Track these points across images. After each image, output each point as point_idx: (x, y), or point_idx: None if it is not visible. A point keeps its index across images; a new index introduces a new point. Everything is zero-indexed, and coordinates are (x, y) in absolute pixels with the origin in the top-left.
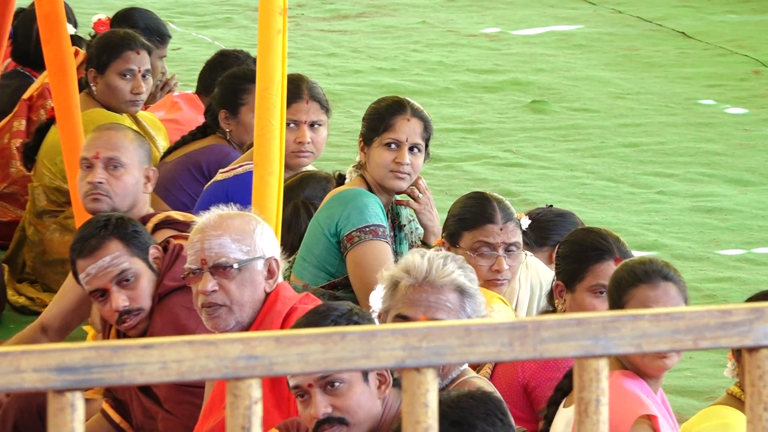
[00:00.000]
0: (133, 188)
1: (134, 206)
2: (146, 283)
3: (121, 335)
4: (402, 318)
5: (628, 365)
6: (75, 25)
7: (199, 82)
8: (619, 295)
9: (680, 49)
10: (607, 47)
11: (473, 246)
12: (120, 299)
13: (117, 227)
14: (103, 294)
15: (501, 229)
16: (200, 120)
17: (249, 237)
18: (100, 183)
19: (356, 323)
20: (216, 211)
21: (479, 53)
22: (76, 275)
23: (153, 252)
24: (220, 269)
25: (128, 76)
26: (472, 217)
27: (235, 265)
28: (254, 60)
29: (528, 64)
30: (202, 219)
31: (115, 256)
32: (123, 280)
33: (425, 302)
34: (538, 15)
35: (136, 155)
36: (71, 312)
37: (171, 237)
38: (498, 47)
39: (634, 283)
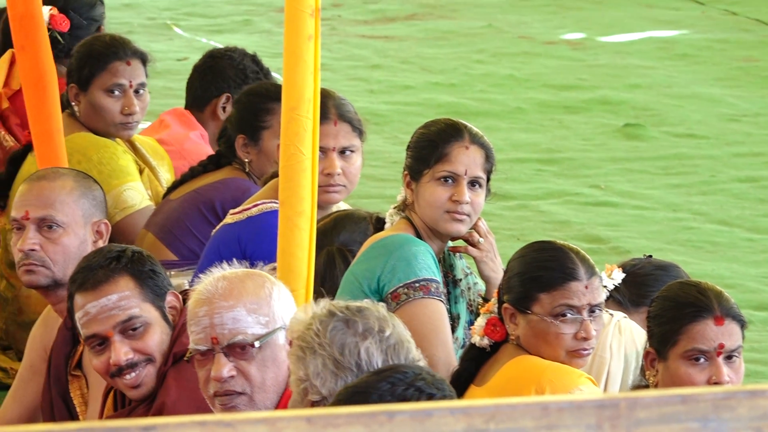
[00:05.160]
0: (77, 251)
1: None
2: (158, 335)
3: (119, 403)
4: None
5: None
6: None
7: (188, 94)
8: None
9: None
10: (717, 57)
11: (554, 311)
12: (122, 351)
13: (132, 262)
14: (102, 342)
15: (586, 287)
16: (192, 138)
17: (266, 304)
18: (33, 250)
19: (420, 393)
20: (217, 274)
21: (559, 65)
22: (71, 314)
23: (170, 299)
24: (237, 349)
25: (117, 93)
26: (549, 274)
27: (256, 343)
28: (254, 59)
29: (620, 79)
30: (202, 286)
31: (124, 296)
32: (130, 329)
33: None
34: (632, 17)
35: (78, 209)
36: (36, 409)
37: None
38: (582, 57)
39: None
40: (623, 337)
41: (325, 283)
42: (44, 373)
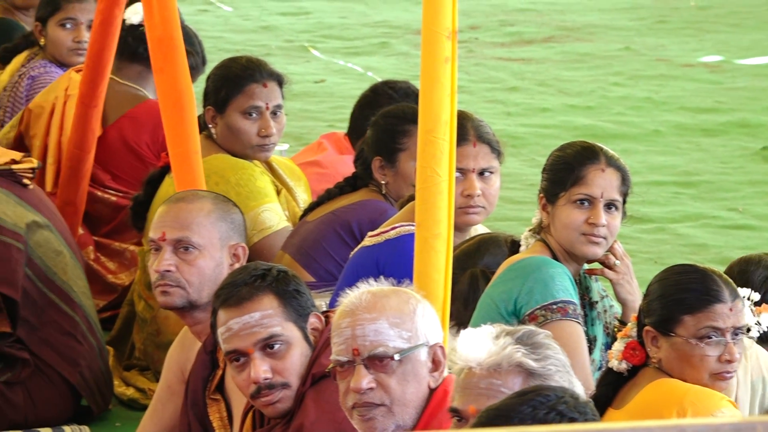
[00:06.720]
0: (212, 274)
1: None
2: (297, 356)
3: (258, 423)
4: (452, 412)
5: None
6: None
7: (349, 122)
8: None
9: None
10: None
11: (699, 333)
12: (262, 369)
13: (277, 281)
14: (240, 358)
15: (731, 310)
16: (347, 161)
17: (409, 320)
18: (168, 271)
19: (561, 416)
20: (364, 288)
21: (697, 87)
22: (213, 329)
23: (313, 321)
24: (377, 361)
25: (254, 115)
26: (694, 296)
27: (396, 356)
28: (415, 95)
29: (758, 102)
30: (348, 299)
31: (267, 315)
32: (269, 347)
33: (475, 389)
34: None
35: (215, 231)
36: (173, 429)
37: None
38: (720, 80)
39: None
40: (749, 363)
41: (469, 305)
42: (181, 393)
